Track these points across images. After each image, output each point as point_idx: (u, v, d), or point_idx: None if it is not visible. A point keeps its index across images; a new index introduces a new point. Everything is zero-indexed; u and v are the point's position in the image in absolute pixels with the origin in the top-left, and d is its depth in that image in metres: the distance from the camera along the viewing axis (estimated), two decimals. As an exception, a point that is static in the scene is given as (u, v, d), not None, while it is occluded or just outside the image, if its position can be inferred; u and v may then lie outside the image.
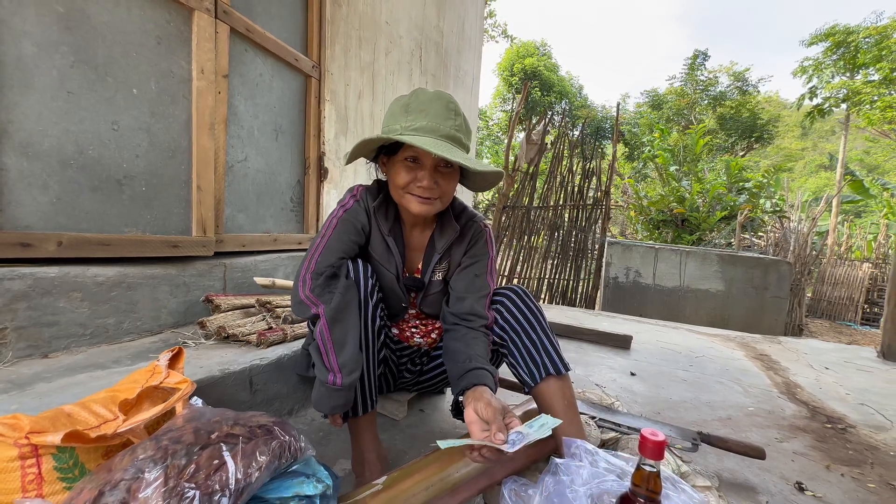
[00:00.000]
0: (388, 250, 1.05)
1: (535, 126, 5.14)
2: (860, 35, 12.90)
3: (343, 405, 0.93)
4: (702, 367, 2.24)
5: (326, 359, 0.90)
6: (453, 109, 0.93)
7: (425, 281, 1.09)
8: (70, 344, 1.15)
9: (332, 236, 0.99)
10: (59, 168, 1.14)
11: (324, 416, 1.17)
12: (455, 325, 1.03)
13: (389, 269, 1.05)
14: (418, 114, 0.91)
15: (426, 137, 0.88)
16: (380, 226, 1.03)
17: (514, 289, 1.09)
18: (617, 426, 1.31)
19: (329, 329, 0.90)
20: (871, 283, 9.05)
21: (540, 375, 1.00)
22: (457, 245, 1.10)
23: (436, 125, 0.90)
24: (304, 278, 0.96)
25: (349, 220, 1.01)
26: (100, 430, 0.66)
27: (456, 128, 0.92)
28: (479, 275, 1.08)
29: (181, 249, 1.41)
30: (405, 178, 0.94)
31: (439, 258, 1.09)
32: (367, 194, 1.04)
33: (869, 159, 23.59)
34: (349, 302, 0.93)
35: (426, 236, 1.10)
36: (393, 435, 1.31)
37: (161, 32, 1.34)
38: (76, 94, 1.16)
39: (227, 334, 1.31)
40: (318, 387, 0.93)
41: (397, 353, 1.23)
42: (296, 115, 1.96)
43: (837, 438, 1.52)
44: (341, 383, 0.90)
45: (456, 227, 1.08)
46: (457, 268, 1.10)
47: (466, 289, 1.05)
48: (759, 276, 4.19)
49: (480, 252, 1.10)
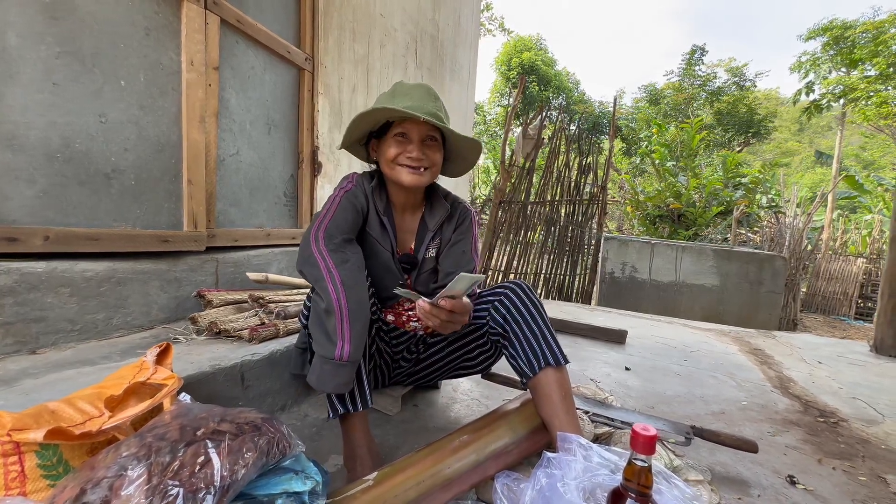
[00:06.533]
0: (384, 229, 1.11)
1: (531, 121, 5.12)
2: (857, 30, 12.88)
3: (347, 383, 0.91)
4: (696, 362, 2.25)
5: (339, 325, 0.87)
6: (433, 95, 1.05)
7: (419, 258, 1.15)
8: (58, 340, 1.14)
9: (338, 211, 1.03)
10: (46, 161, 1.12)
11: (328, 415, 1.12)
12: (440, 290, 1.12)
13: (385, 247, 1.11)
14: (403, 97, 1.02)
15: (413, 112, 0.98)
16: (376, 206, 1.09)
17: (518, 282, 1.12)
18: (611, 420, 1.31)
19: (346, 293, 0.89)
20: (865, 278, 9.11)
21: (539, 366, 1.01)
22: (447, 223, 1.18)
23: (420, 105, 1.00)
24: (315, 236, 0.96)
25: (350, 200, 1.06)
26: (84, 427, 0.65)
27: (437, 108, 1.03)
28: (465, 251, 1.16)
29: (172, 244, 1.40)
30: (395, 151, 1.02)
31: (432, 235, 1.15)
32: (364, 179, 1.11)
33: (864, 155, 23.68)
34: (363, 279, 0.96)
35: (416, 218, 1.17)
36: (386, 430, 1.31)
37: (149, 23, 1.32)
38: (62, 86, 1.14)
39: (219, 329, 1.30)
40: (319, 364, 0.90)
41: (393, 341, 1.23)
42: (289, 108, 1.94)
43: (829, 432, 1.52)
44: (349, 356, 0.87)
45: (446, 205, 1.17)
46: (447, 244, 1.17)
47: (455, 263, 1.14)
48: (754, 271, 4.20)
49: (467, 229, 1.19)
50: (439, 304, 0.86)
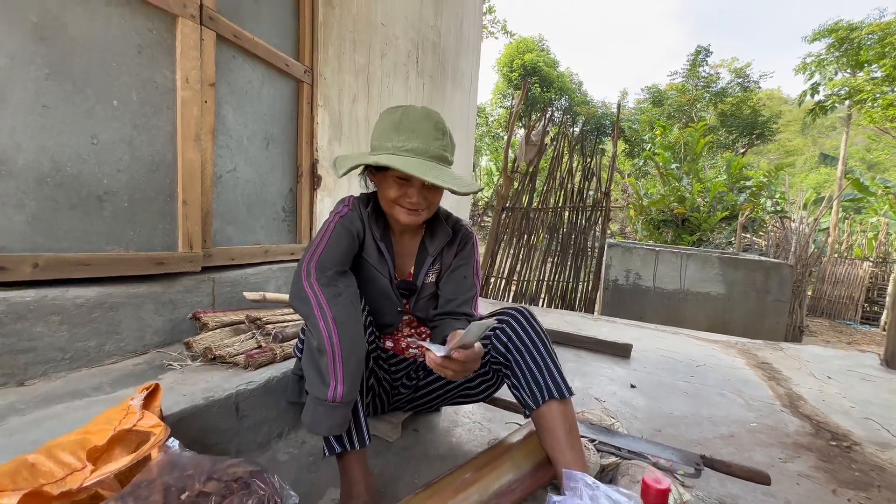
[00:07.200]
0: (381, 255, 1.07)
1: (534, 126, 5.08)
2: (863, 32, 12.76)
3: (341, 424, 0.88)
4: (703, 378, 2.20)
5: (332, 365, 0.84)
6: (441, 129, 0.97)
7: (418, 284, 1.12)
8: (48, 370, 1.10)
9: (332, 239, 0.99)
10: (35, 186, 1.09)
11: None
12: (442, 319, 1.09)
13: (382, 273, 1.08)
14: (409, 133, 0.94)
15: (417, 159, 0.92)
16: (373, 232, 1.06)
17: (520, 309, 1.07)
18: (617, 450, 1.27)
19: (338, 330, 0.86)
20: (871, 281, 9.02)
21: (542, 398, 0.98)
22: (448, 248, 1.14)
23: (425, 146, 0.93)
24: (307, 269, 0.93)
25: (345, 226, 1.02)
26: (65, 485, 0.62)
27: (443, 147, 0.96)
28: (467, 276, 1.13)
29: (167, 266, 1.36)
30: (395, 193, 0.98)
31: (432, 261, 1.12)
32: (360, 203, 1.07)
33: (870, 156, 23.50)
34: (358, 314, 0.93)
35: (416, 242, 1.14)
36: (386, 458, 1.27)
37: (143, 41, 1.29)
38: (52, 108, 1.11)
39: (214, 356, 1.27)
40: (312, 405, 0.86)
41: (392, 368, 1.19)
42: (287, 121, 1.91)
43: (843, 458, 1.48)
44: (342, 397, 0.84)
45: (448, 230, 1.13)
46: (447, 269, 1.14)
47: (456, 290, 1.11)
48: (760, 279, 4.15)
49: (468, 254, 1.16)
50: (452, 356, 0.82)
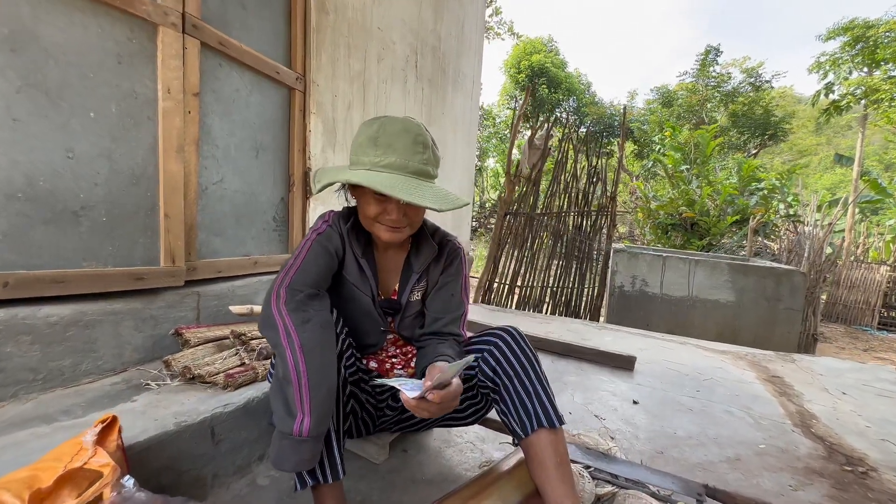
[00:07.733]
0: (363, 273, 1.02)
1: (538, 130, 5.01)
2: (880, 30, 12.44)
3: (310, 459, 0.83)
4: (709, 393, 2.11)
5: (298, 396, 0.80)
6: (421, 142, 0.90)
7: (402, 302, 1.08)
8: (18, 391, 1.07)
9: (308, 258, 0.95)
10: (6, 202, 1.06)
11: None
12: (428, 339, 1.04)
13: (364, 291, 1.03)
14: (386, 148, 0.87)
15: (395, 176, 0.86)
16: (353, 249, 1.01)
17: (509, 330, 1.02)
18: (614, 478, 1.20)
19: (304, 358, 0.81)
20: (888, 286, 8.74)
21: (532, 427, 0.92)
22: (434, 264, 1.09)
23: (404, 162, 0.87)
24: (277, 292, 0.88)
25: (323, 243, 0.98)
26: (-2, 535, 0.57)
27: (424, 161, 0.90)
28: (454, 294, 1.09)
29: (147, 281, 1.33)
30: (374, 210, 0.93)
31: (418, 278, 1.08)
32: (340, 218, 1.03)
33: (887, 157, 22.92)
34: (328, 339, 0.87)
35: (400, 258, 1.09)
36: (371, 483, 1.22)
37: (122, 50, 1.25)
38: (24, 122, 1.07)
39: (193, 375, 1.22)
40: (278, 440, 0.82)
41: (376, 390, 1.14)
42: (278, 130, 1.87)
43: (858, 485, 1.39)
44: (308, 431, 0.79)
45: (434, 246, 1.08)
46: (434, 286, 1.09)
47: (443, 308, 1.07)
48: (771, 286, 4.01)
49: (456, 271, 1.11)
50: (428, 398, 0.77)
